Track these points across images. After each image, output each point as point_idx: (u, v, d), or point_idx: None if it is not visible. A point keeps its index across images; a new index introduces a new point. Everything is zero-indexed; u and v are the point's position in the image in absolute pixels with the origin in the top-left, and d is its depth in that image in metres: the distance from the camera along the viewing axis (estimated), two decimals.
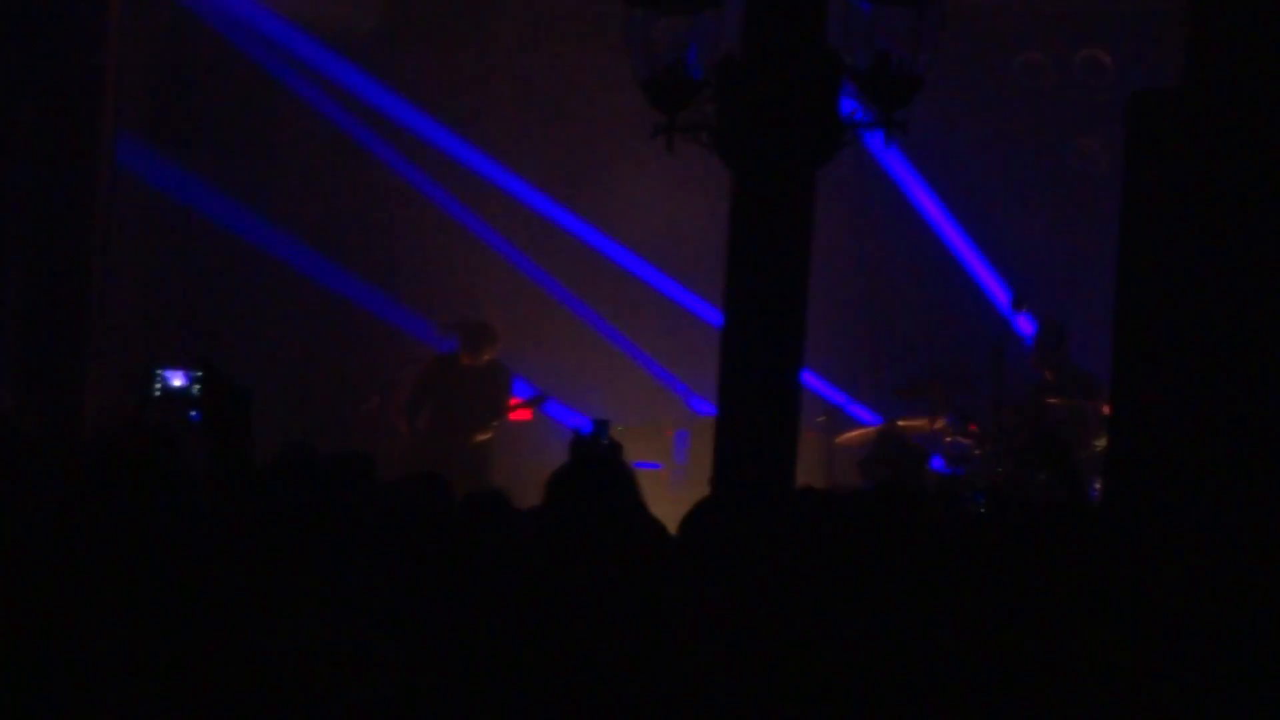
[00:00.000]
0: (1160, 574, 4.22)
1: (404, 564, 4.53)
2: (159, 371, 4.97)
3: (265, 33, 12.72)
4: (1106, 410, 10.42)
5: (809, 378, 7.61)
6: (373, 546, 4.49)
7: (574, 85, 13.53)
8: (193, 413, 4.42)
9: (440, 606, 4.21)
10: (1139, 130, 7.89)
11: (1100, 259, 9.67)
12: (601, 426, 6.50)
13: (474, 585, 4.23)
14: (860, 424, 12.73)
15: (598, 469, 4.34)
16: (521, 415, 12.45)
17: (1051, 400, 11.48)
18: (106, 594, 3.83)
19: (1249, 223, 7.50)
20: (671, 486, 12.40)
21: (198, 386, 4.90)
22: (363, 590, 4.20)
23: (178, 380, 5.00)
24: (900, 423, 11.94)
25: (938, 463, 11.52)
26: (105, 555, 3.93)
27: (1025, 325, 11.80)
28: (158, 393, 5.01)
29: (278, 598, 4.04)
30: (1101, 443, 10.80)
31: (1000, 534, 4.96)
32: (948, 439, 11.76)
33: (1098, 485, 10.29)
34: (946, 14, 7.25)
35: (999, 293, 13.01)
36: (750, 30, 7.30)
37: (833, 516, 5.14)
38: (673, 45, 7.37)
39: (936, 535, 4.32)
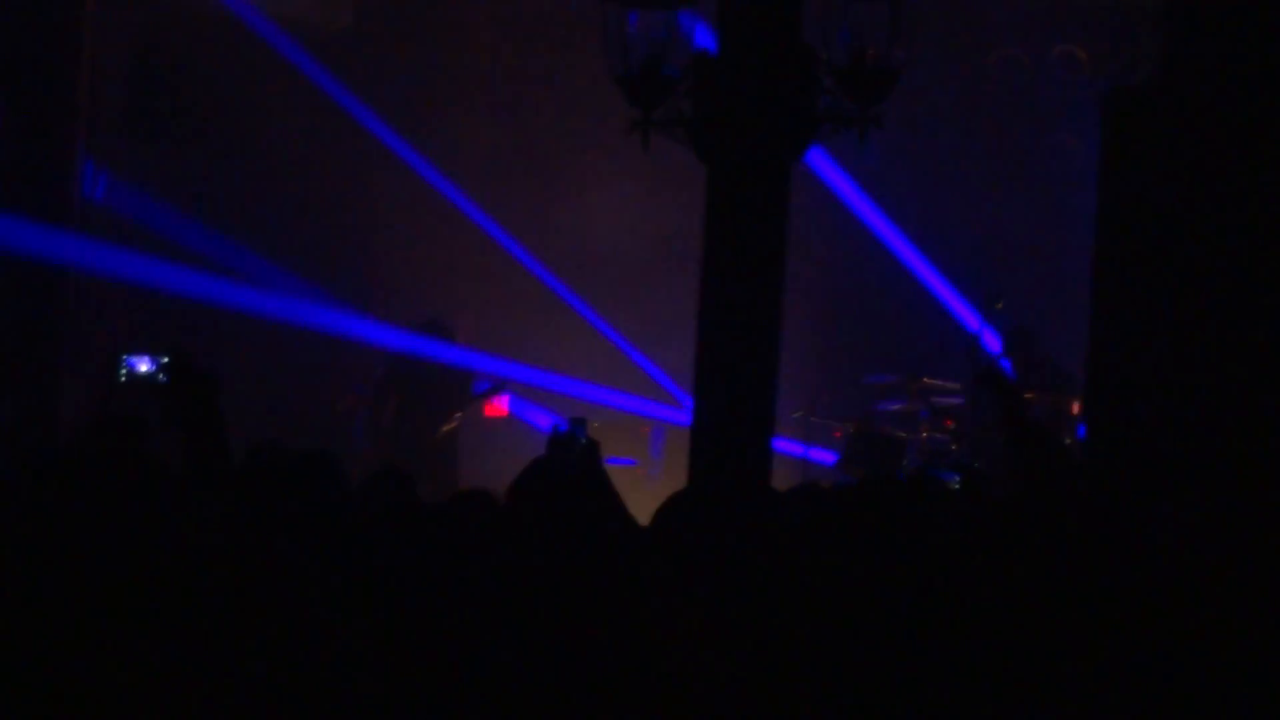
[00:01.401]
0: (1138, 566, 4.22)
1: (381, 563, 4.51)
2: (125, 358, 4.94)
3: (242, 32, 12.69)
4: (1076, 409, 10.46)
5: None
6: (349, 545, 4.47)
7: (550, 81, 13.52)
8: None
9: (419, 605, 4.19)
10: (1115, 126, 7.90)
11: (1076, 254, 9.68)
12: (579, 424, 6.45)
13: (448, 585, 4.22)
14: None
15: (567, 468, 4.33)
16: (495, 412, 12.44)
17: (1026, 396, 11.50)
18: (85, 594, 3.80)
19: (1224, 218, 7.51)
20: (648, 483, 12.39)
21: (163, 375, 4.87)
22: (342, 590, 4.18)
23: (144, 366, 4.98)
24: (877, 410, 11.94)
25: (914, 463, 11.52)
26: (84, 555, 3.91)
27: (992, 342, 11.79)
28: (124, 379, 4.99)
29: (257, 598, 4.02)
30: (1070, 440, 10.85)
31: (979, 525, 4.95)
32: (924, 434, 11.78)
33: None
34: (923, 9, 7.25)
35: (974, 289, 13.00)
36: (726, 25, 7.29)
37: (812, 511, 5.13)
38: (648, 41, 7.35)
39: (918, 530, 4.31)
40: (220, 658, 3.79)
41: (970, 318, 12.00)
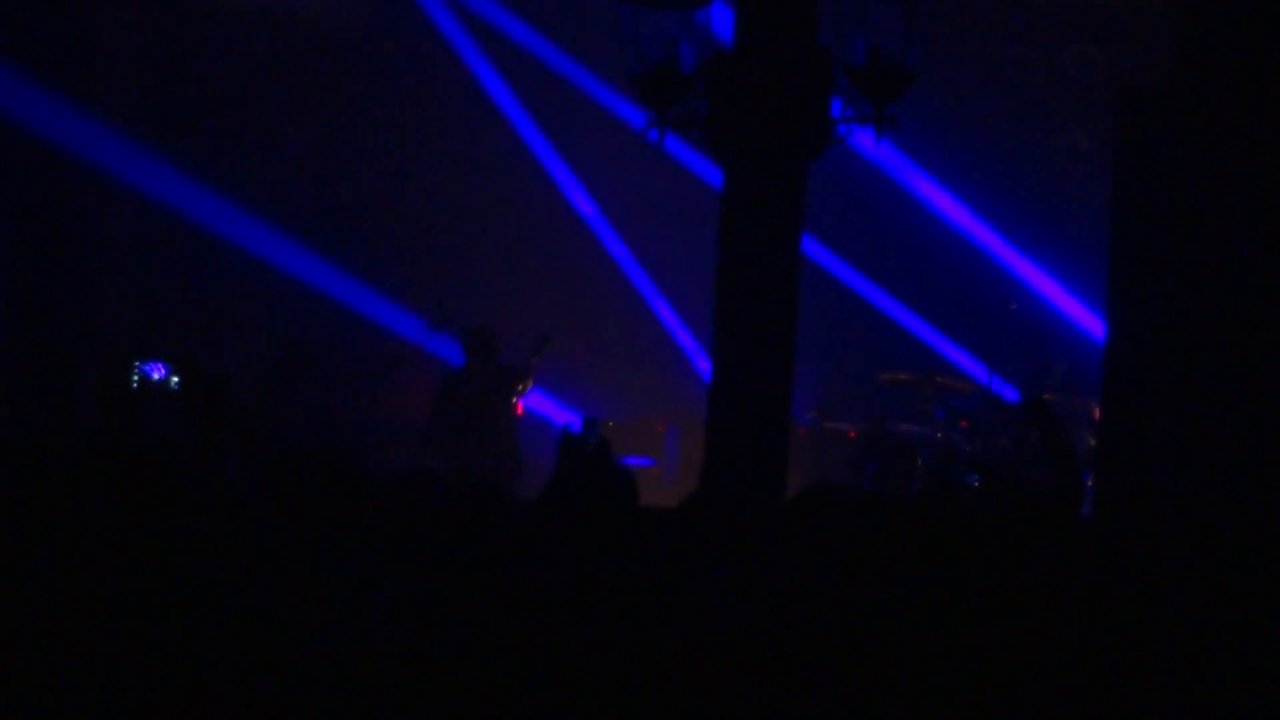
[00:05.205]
0: (1153, 568, 4.23)
1: (407, 560, 4.52)
2: (137, 364, 4.98)
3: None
4: (1097, 413, 10.46)
5: None
6: (376, 544, 4.48)
7: (571, 82, 13.56)
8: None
9: (442, 602, 4.20)
10: (1129, 126, 7.89)
11: (1090, 255, 9.69)
12: (591, 425, 6.46)
13: (473, 582, 4.22)
14: None
15: (591, 479, 4.33)
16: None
17: (1044, 397, 11.48)
18: (106, 593, 3.82)
19: (1239, 219, 7.51)
20: (663, 483, 12.38)
21: (176, 379, 4.91)
22: (368, 587, 4.19)
23: (157, 373, 5.01)
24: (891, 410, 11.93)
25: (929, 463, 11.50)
26: (103, 554, 3.92)
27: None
28: (136, 385, 5.02)
29: (282, 595, 4.03)
30: (1091, 440, 10.85)
31: (994, 529, 4.94)
32: (939, 434, 11.77)
33: (1089, 480, 10.31)
34: (938, 9, 7.25)
35: (989, 289, 12.99)
36: (742, 25, 7.30)
37: (827, 513, 5.13)
38: (664, 41, 7.36)
39: (933, 535, 4.32)
40: (241, 653, 3.81)
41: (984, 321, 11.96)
